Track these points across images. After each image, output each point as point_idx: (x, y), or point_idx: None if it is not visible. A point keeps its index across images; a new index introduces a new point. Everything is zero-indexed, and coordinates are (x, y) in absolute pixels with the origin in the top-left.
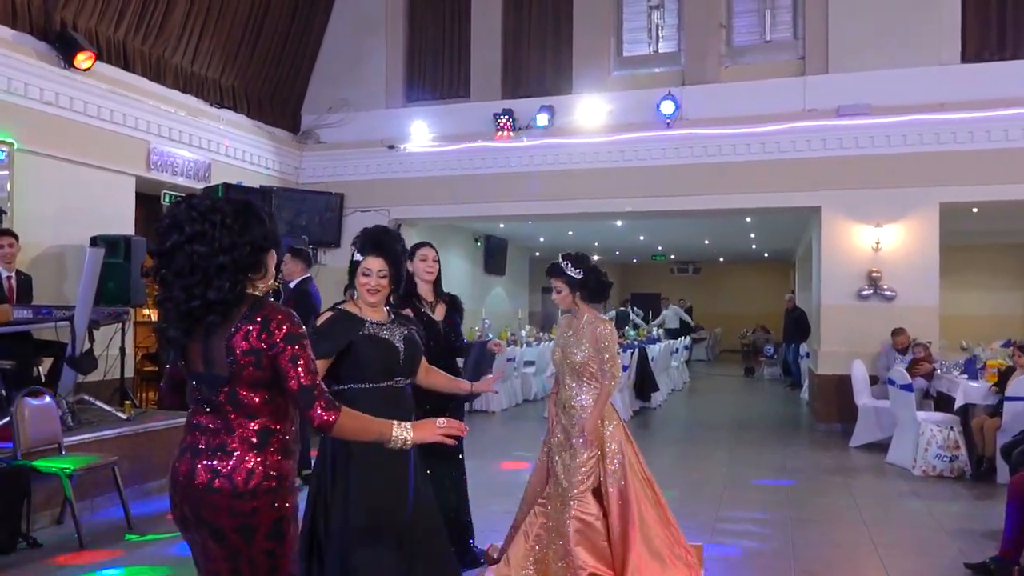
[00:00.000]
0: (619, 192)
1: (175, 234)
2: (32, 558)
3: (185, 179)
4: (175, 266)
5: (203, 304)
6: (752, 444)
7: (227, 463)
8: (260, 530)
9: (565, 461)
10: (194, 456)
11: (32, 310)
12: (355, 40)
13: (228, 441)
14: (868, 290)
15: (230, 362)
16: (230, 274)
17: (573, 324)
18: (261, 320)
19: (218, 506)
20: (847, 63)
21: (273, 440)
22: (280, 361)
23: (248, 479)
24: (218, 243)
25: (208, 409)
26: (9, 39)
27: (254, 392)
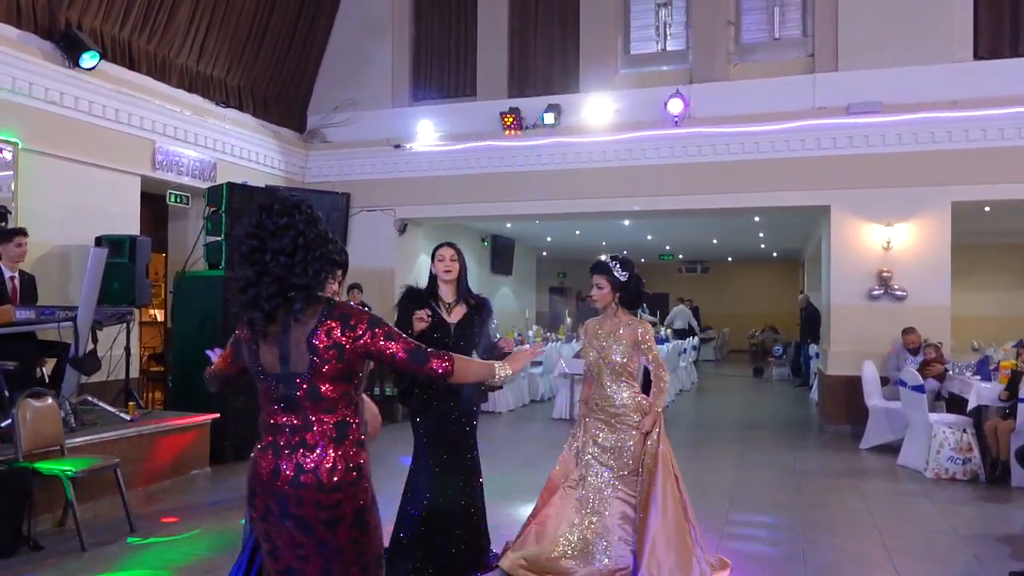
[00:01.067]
0: (626, 191)
1: (287, 217)
2: (33, 561)
3: (191, 178)
4: (278, 245)
5: (300, 284)
6: (761, 445)
7: (310, 458)
8: (345, 521)
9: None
10: (276, 454)
11: (35, 310)
12: (361, 39)
13: (308, 437)
14: (878, 290)
15: (311, 358)
16: (323, 264)
17: (607, 326)
18: (341, 317)
19: (305, 500)
20: (857, 60)
21: (350, 433)
22: (376, 345)
23: (332, 474)
24: (321, 234)
25: (285, 407)
26: (14, 38)
27: (333, 386)
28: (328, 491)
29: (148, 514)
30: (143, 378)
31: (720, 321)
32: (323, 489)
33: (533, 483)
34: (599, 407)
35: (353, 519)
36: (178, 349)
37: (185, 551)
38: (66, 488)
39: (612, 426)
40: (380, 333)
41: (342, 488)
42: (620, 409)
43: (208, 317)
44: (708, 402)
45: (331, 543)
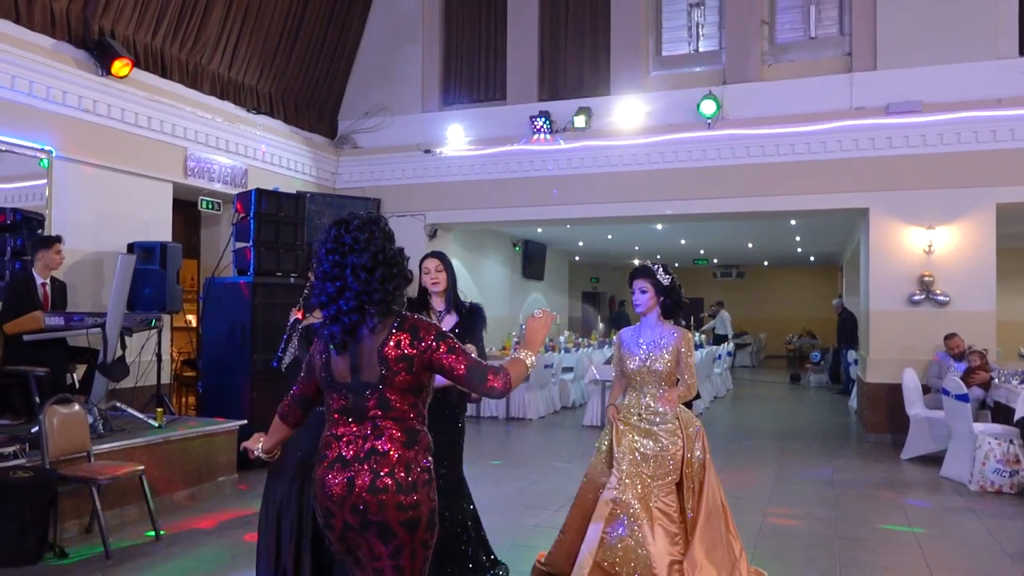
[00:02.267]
0: (659, 195)
1: (366, 233)
2: (58, 568)
3: (222, 185)
4: (359, 261)
5: (378, 300)
6: (798, 455)
7: (385, 463)
8: (422, 521)
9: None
10: (344, 467)
11: (64, 317)
12: (391, 44)
13: (378, 445)
14: (920, 295)
15: (381, 368)
16: (399, 281)
17: (647, 335)
18: (410, 329)
19: (386, 504)
20: (897, 59)
21: (420, 439)
22: (440, 358)
23: (408, 474)
24: (398, 251)
25: (354, 418)
26: (48, 47)
27: (402, 397)
28: (407, 491)
29: (175, 521)
30: (176, 383)
31: (756, 326)
32: (402, 490)
33: (564, 492)
34: (640, 417)
35: (428, 520)
36: (208, 354)
37: (210, 558)
38: (92, 495)
39: (654, 435)
40: (444, 347)
41: (419, 488)
42: (662, 417)
43: (237, 322)
44: (743, 409)
45: (408, 545)
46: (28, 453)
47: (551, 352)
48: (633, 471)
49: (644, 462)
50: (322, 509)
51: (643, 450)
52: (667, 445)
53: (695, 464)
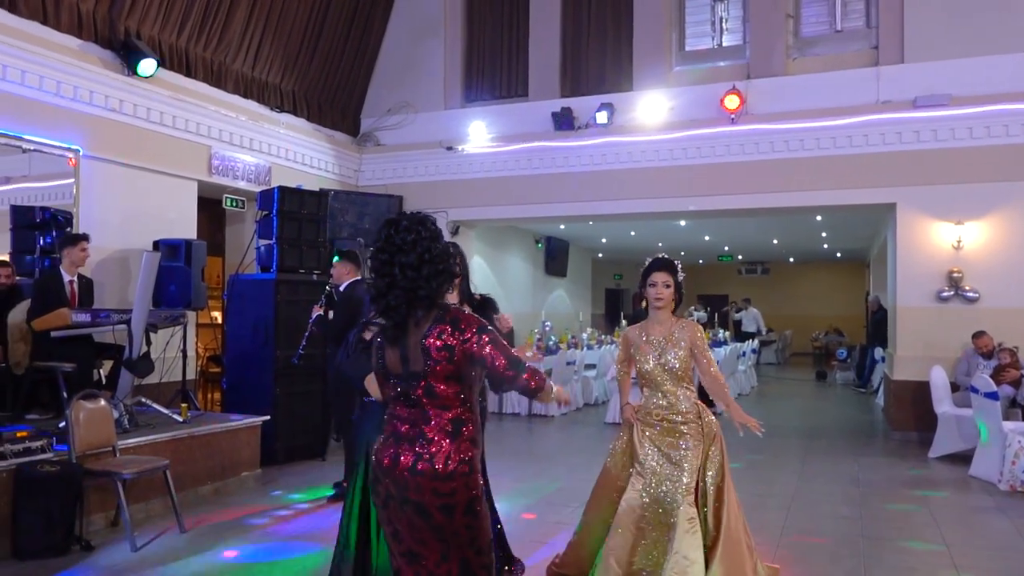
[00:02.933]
0: (682, 191)
1: (413, 234)
2: (84, 561)
3: (246, 183)
4: (406, 259)
5: (423, 295)
6: (823, 453)
7: (428, 449)
8: (459, 508)
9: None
10: (397, 443)
11: (91, 313)
12: (413, 42)
13: (426, 431)
14: (948, 291)
15: (425, 359)
16: (444, 277)
17: (657, 330)
18: (452, 321)
19: (423, 487)
20: (924, 52)
21: (464, 430)
22: (480, 350)
23: (446, 464)
24: (444, 249)
25: (405, 403)
26: (75, 48)
27: (447, 385)
28: (443, 479)
29: (199, 514)
30: (202, 379)
31: (782, 323)
32: (438, 477)
33: (584, 490)
34: (660, 417)
35: (466, 507)
36: (232, 350)
37: (232, 553)
38: (117, 489)
39: (675, 434)
40: (486, 339)
41: (455, 478)
42: (684, 416)
43: (260, 319)
44: (768, 407)
45: (448, 528)
46: (55, 448)
47: (573, 349)
48: (660, 474)
49: (669, 463)
50: (372, 475)
51: (667, 450)
52: (691, 446)
53: (714, 466)
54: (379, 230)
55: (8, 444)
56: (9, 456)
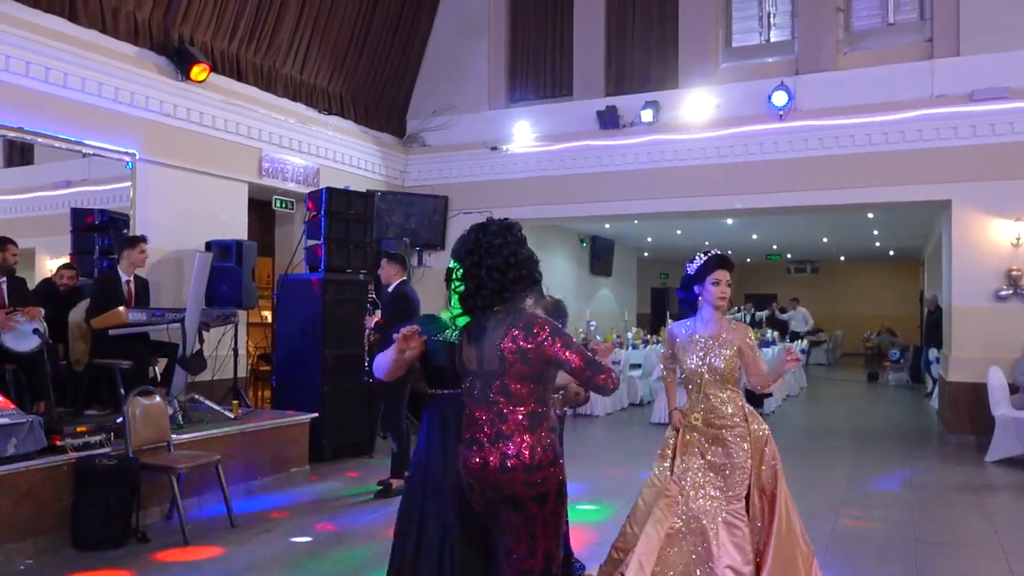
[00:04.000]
0: (729, 189)
1: (500, 238)
2: (140, 552)
3: (295, 184)
4: (493, 262)
5: (510, 296)
6: (874, 455)
7: (510, 446)
8: (550, 495)
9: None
10: (480, 448)
11: (146, 313)
12: (459, 43)
13: (504, 429)
14: (1007, 290)
15: (500, 360)
16: (527, 281)
17: (707, 328)
18: (525, 325)
19: (516, 481)
20: (981, 43)
21: (542, 422)
22: (555, 353)
23: (532, 455)
24: (528, 254)
25: (484, 403)
26: (132, 55)
27: (521, 384)
28: (532, 470)
29: (249, 509)
30: (253, 377)
31: (832, 323)
32: (528, 470)
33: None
34: (705, 421)
35: (557, 493)
36: (281, 349)
37: (280, 547)
38: (172, 483)
39: (721, 440)
40: (560, 341)
41: (544, 467)
42: (729, 420)
43: (308, 318)
44: (817, 408)
45: (540, 516)
46: (113, 443)
47: (619, 348)
48: (699, 482)
49: (712, 472)
50: (465, 483)
51: (712, 458)
52: (736, 452)
53: (765, 472)
54: (468, 233)
55: (69, 439)
56: (69, 450)
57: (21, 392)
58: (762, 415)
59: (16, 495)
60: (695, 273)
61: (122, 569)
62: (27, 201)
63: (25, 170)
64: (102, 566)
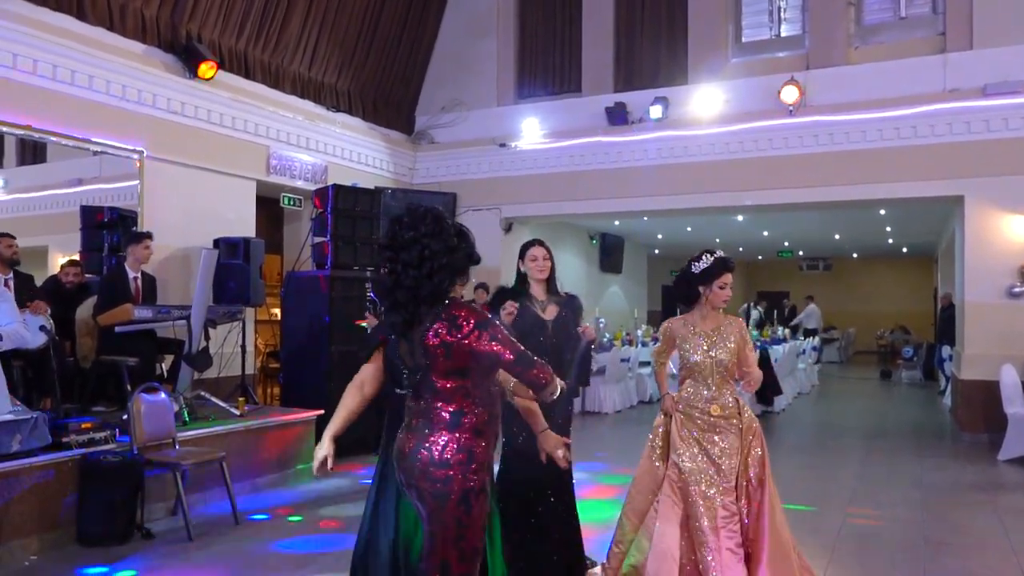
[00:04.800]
0: (739, 185)
1: (412, 230)
2: (144, 548)
3: (303, 182)
4: (407, 258)
5: (427, 293)
6: (885, 454)
7: (427, 438)
8: (452, 497)
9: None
10: (406, 431)
11: (152, 309)
12: (467, 39)
13: (428, 422)
14: (1021, 287)
15: (425, 355)
16: (447, 273)
17: (705, 324)
18: (450, 318)
19: (418, 471)
20: (995, 37)
21: (465, 420)
22: (481, 345)
23: (443, 452)
24: (446, 244)
25: (415, 395)
26: (140, 53)
27: (447, 380)
28: (437, 465)
29: (254, 506)
30: (261, 374)
31: (845, 321)
32: (433, 463)
33: None
34: (705, 411)
35: (460, 497)
36: (288, 346)
37: (285, 544)
38: (176, 479)
39: (719, 430)
40: (486, 334)
41: (451, 466)
42: (727, 412)
43: (315, 315)
44: (829, 406)
45: (438, 516)
46: (119, 439)
47: (628, 346)
48: (697, 472)
49: (709, 461)
50: (395, 461)
51: (709, 447)
52: (731, 440)
53: (755, 459)
54: (388, 225)
55: (74, 435)
56: (74, 446)
57: (28, 388)
58: (771, 413)
59: (21, 491)
60: (702, 275)
61: (126, 565)
62: (40, 199)
63: (38, 168)
64: (106, 562)
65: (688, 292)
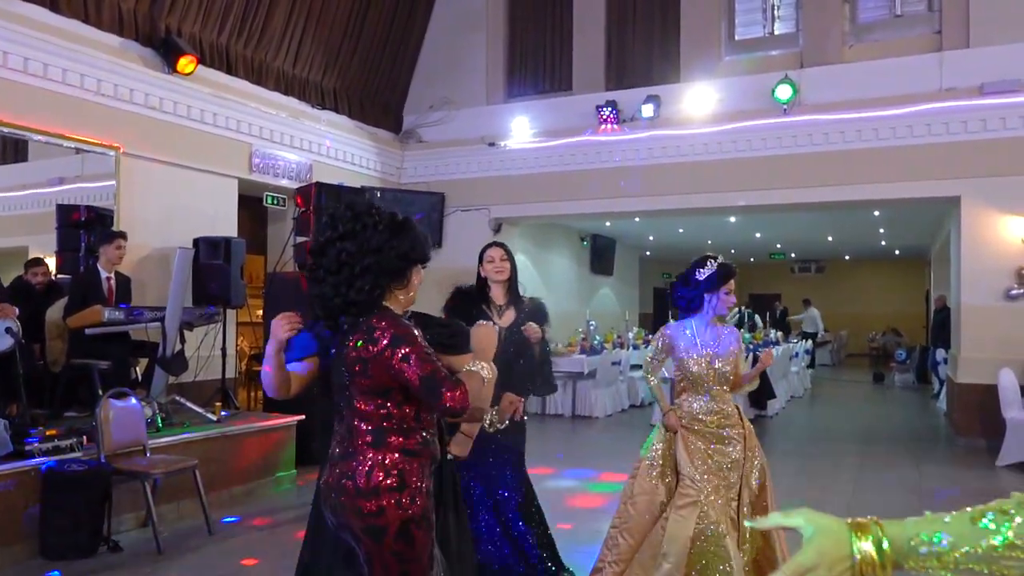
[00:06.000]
0: (731, 185)
1: (330, 231)
2: (110, 562)
3: (287, 181)
4: (326, 263)
5: (344, 302)
6: (880, 460)
7: (351, 464)
8: (388, 530)
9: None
10: (331, 462)
11: (124, 311)
12: (456, 36)
13: (350, 445)
14: (1018, 289)
15: (345, 370)
16: (372, 277)
17: (703, 332)
18: (367, 330)
19: (346, 507)
20: (991, 35)
21: (391, 439)
22: (393, 365)
23: (369, 478)
24: (366, 244)
25: (339, 417)
26: (116, 46)
27: (367, 399)
28: (366, 496)
29: (229, 516)
30: (244, 378)
31: (837, 323)
32: (360, 494)
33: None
34: (709, 423)
35: (399, 530)
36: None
37: (260, 555)
38: (144, 489)
39: (723, 440)
40: (398, 353)
41: (381, 494)
42: (730, 420)
43: None
44: (822, 410)
45: (377, 556)
46: (86, 447)
47: (619, 349)
48: (711, 483)
49: (716, 473)
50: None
51: (716, 459)
52: (735, 450)
53: (757, 468)
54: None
55: (37, 443)
56: (37, 455)
57: None
58: (764, 417)
59: None
60: (707, 282)
61: None
62: (21, 198)
63: (19, 167)
64: None
65: (691, 300)
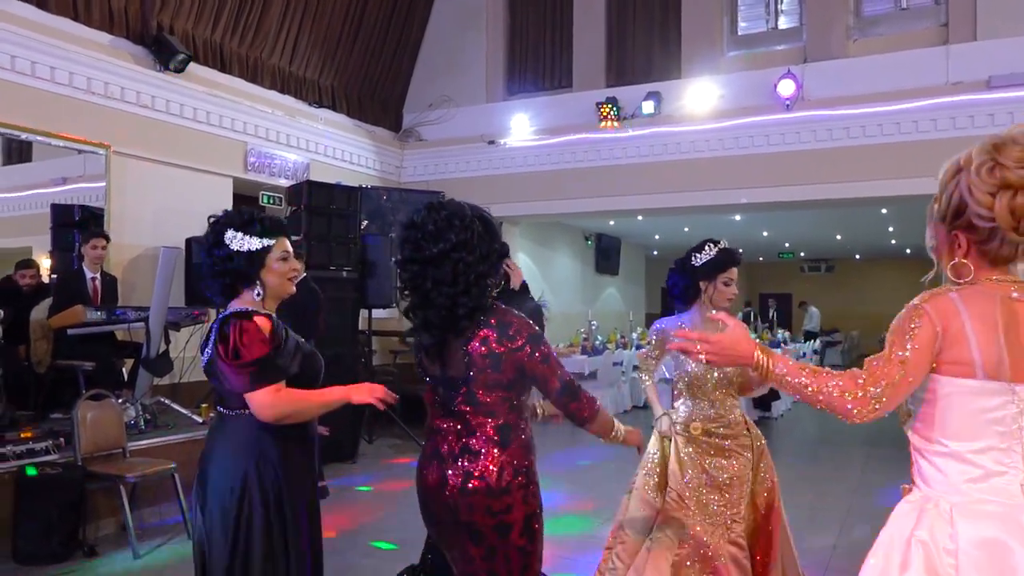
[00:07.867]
0: (733, 182)
1: (441, 243)
2: (83, 568)
3: (284, 180)
4: (438, 275)
5: (467, 311)
6: (885, 465)
7: (476, 464)
8: (515, 527)
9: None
10: (441, 462)
11: (107, 311)
12: (455, 33)
13: (471, 442)
14: None
15: (468, 365)
16: (487, 282)
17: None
18: (498, 325)
19: (475, 506)
20: (999, 27)
21: (514, 436)
22: (531, 365)
23: (500, 477)
24: (479, 251)
25: (445, 413)
26: (106, 44)
27: (492, 392)
28: (498, 495)
29: None
30: None
31: (848, 323)
32: (493, 494)
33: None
34: (707, 431)
35: (524, 525)
36: None
37: None
38: (120, 493)
39: (724, 451)
40: (538, 353)
41: (512, 491)
42: (732, 430)
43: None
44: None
45: (501, 551)
46: (63, 449)
47: (622, 349)
48: (702, 500)
49: (714, 488)
50: (420, 497)
51: (714, 472)
52: (738, 463)
53: (764, 484)
54: (403, 230)
55: (11, 445)
56: (11, 457)
57: None
58: (769, 419)
59: None
60: (704, 268)
61: None
62: (24, 199)
63: (23, 167)
64: None
65: (686, 288)
